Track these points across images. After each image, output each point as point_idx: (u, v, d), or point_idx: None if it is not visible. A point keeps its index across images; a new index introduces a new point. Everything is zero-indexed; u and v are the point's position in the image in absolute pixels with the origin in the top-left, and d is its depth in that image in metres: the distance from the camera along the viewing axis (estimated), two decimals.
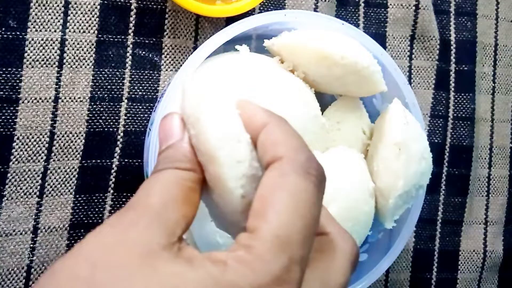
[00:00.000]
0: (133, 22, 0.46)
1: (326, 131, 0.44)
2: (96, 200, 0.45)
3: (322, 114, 0.45)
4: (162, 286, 0.19)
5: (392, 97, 0.45)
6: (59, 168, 0.44)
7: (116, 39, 0.45)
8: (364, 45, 0.44)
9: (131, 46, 0.46)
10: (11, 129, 0.43)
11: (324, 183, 0.23)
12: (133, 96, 0.46)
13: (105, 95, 0.45)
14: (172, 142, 0.25)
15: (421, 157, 0.43)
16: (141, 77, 0.46)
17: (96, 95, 0.45)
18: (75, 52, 0.44)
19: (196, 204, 0.24)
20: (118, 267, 0.20)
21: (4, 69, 0.42)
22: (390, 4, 0.53)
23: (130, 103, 0.46)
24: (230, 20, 0.48)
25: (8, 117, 0.43)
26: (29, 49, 0.43)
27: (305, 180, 0.22)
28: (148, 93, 0.46)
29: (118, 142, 0.45)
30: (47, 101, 0.44)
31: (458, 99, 0.55)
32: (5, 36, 0.42)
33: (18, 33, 0.43)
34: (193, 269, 0.20)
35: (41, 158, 0.43)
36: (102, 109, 0.45)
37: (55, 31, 0.44)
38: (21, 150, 0.43)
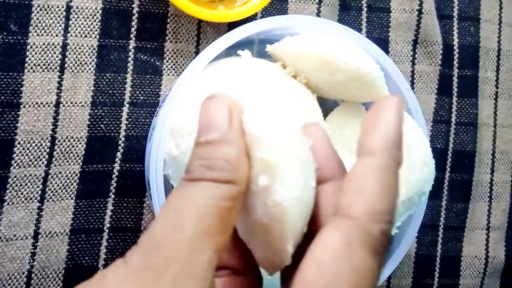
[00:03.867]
0: (135, 26, 0.46)
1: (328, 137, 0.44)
2: (97, 205, 0.45)
3: (324, 119, 0.45)
4: None
5: None
6: (60, 173, 0.44)
7: (117, 44, 0.45)
8: (367, 50, 0.44)
9: (132, 50, 0.46)
10: (12, 134, 0.42)
11: (385, 256, 0.20)
12: (134, 100, 0.46)
13: (107, 100, 0.45)
14: (215, 137, 0.21)
15: (423, 163, 0.43)
16: (143, 81, 0.46)
17: (98, 100, 0.45)
18: (76, 57, 0.44)
19: (231, 228, 0.20)
20: None
21: (5, 73, 0.42)
22: (393, 9, 0.53)
23: (131, 108, 0.46)
24: (232, 25, 0.47)
25: (9, 121, 0.42)
26: (30, 54, 0.43)
27: (372, 259, 0.19)
28: (150, 98, 0.46)
29: (119, 147, 0.45)
30: (49, 106, 0.43)
31: (461, 104, 0.55)
32: (6, 40, 0.42)
33: (19, 37, 0.43)
34: None
35: (42, 163, 0.43)
36: (103, 113, 0.45)
37: (56, 35, 0.44)
38: (22, 155, 0.43)
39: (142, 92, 0.46)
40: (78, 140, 0.44)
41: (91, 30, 0.45)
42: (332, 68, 0.41)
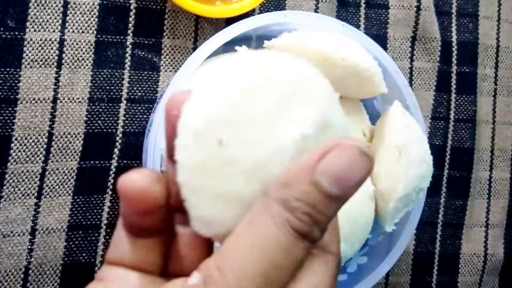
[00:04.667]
0: (132, 22, 0.46)
1: None
2: (94, 202, 0.45)
3: None
4: None
5: (393, 99, 0.45)
6: (57, 169, 0.44)
7: (115, 40, 0.45)
8: (365, 46, 0.44)
9: (130, 46, 0.46)
10: (9, 130, 0.42)
11: None
12: (132, 97, 0.46)
13: (104, 96, 0.45)
14: (340, 194, 0.19)
15: (421, 160, 0.43)
16: (140, 77, 0.46)
17: (95, 96, 0.45)
18: (74, 53, 0.44)
19: None
20: None
21: (2, 69, 0.42)
22: (391, 5, 0.53)
23: (129, 104, 0.45)
24: (230, 21, 0.47)
25: (6, 117, 0.42)
26: (27, 49, 0.43)
27: None
28: (147, 94, 0.46)
29: (117, 143, 0.45)
30: (46, 102, 0.43)
31: (459, 101, 0.55)
32: (3, 36, 0.42)
33: (16, 33, 0.42)
34: None
35: (40, 159, 0.43)
36: (101, 110, 0.45)
37: (54, 31, 0.43)
38: (19, 151, 0.43)
39: (139, 88, 0.46)
40: (76, 136, 0.44)
41: (88, 26, 0.44)
42: (330, 64, 0.41)
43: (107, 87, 0.45)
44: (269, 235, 0.19)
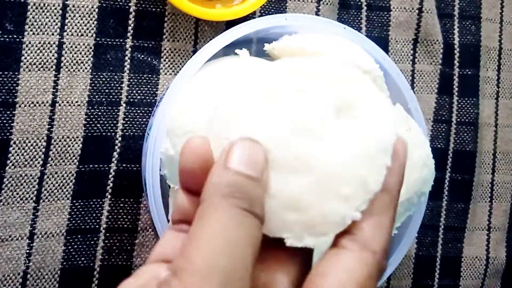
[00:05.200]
0: (132, 25, 0.45)
1: None
2: (93, 206, 0.45)
3: None
4: None
5: (395, 102, 0.44)
6: (56, 173, 0.43)
7: (114, 43, 0.45)
8: (366, 49, 0.43)
9: (129, 49, 0.45)
10: (8, 134, 0.42)
11: None
12: (131, 100, 0.45)
13: (103, 99, 0.45)
14: (254, 175, 0.21)
15: (423, 164, 0.42)
16: (140, 81, 0.46)
17: (94, 99, 0.44)
18: (72, 56, 0.44)
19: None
20: None
21: (0, 72, 0.42)
22: (393, 8, 0.52)
23: (128, 107, 0.45)
24: (230, 24, 0.47)
25: (4, 121, 0.42)
26: (26, 53, 0.42)
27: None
28: (147, 97, 0.46)
29: (116, 147, 0.45)
30: (44, 105, 0.43)
31: (462, 103, 0.54)
32: (1, 39, 0.42)
33: (15, 36, 0.42)
34: None
35: (38, 163, 0.43)
36: (100, 113, 0.44)
37: (52, 34, 0.43)
38: (18, 155, 0.42)
39: (139, 92, 0.46)
40: (74, 140, 0.44)
41: (87, 28, 0.44)
42: None
43: (106, 90, 0.45)
44: (219, 218, 0.20)
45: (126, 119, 0.45)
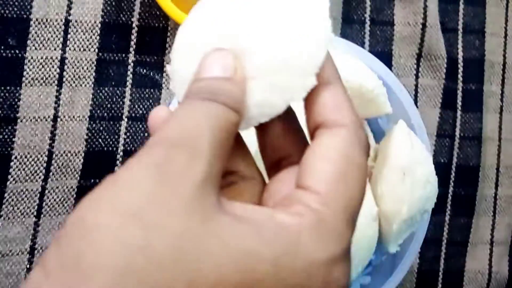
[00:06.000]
0: (134, 40, 0.45)
1: None
2: None
3: None
4: (235, 263, 0.17)
5: (398, 118, 0.44)
6: (57, 187, 0.43)
7: (117, 58, 0.45)
8: (369, 65, 0.43)
9: (132, 64, 0.45)
10: (9, 149, 0.42)
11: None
12: (133, 115, 0.45)
13: (105, 114, 0.44)
14: (221, 75, 0.21)
15: (426, 181, 0.42)
16: (142, 95, 0.45)
17: (96, 114, 0.44)
18: (75, 71, 0.44)
19: (227, 157, 0.20)
20: (179, 236, 0.17)
21: (2, 87, 0.42)
22: (397, 22, 0.52)
23: (130, 122, 0.45)
24: None
25: (6, 136, 0.42)
26: (28, 68, 0.42)
27: (365, 158, 0.22)
28: (149, 112, 0.46)
29: (118, 162, 0.45)
30: (46, 120, 0.43)
31: (465, 118, 0.54)
32: (4, 54, 0.42)
33: (17, 51, 0.42)
34: (267, 243, 0.18)
35: (39, 177, 0.43)
36: (101, 128, 0.44)
37: (55, 49, 0.43)
38: (19, 170, 0.42)
39: (141, 106, 0.45)
40: (76, 155, 0.44)
41: (90, 44, 0.44)
42: None
43: (108, 105, 0.44)
44: (186, 107, 0.20)
45: (128, 133, 0.45)
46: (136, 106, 0.45)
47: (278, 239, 0.18)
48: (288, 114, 0.23)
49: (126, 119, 0.45)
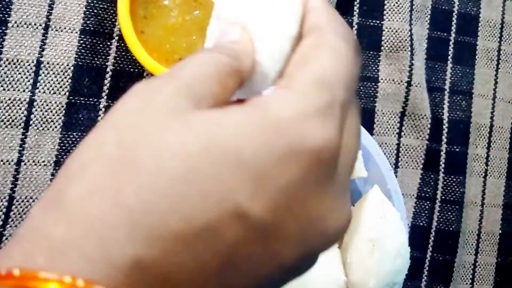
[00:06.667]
0: (108, 85, 0.44)
1: None
2: None
3: None
4: (199, 137, 0.18)
5: (375, 181, 0.43)
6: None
7: (88, 102, 0.44)
8: None
9: (103, 109, 0.44)
10: None
11: (359, 56, 0.23)
12: None
13: None
14: (232, 38, 0.23)
15: (396, 254, 0.40)
16: None
17: (62, 160, 0.43)
18: (43, 114, 0.42)
19: (229, 92, 0.21)
20: (147, 127, 0.19)
21: None
22: (381, 79, 0.51)
23: None
24: None
25: None
26: None
27: (346, 43, 0.22)
28: None
29: None
30: (9, 164, 0.41)
31: (448, 181, 0.52)
32: None
33: None
34: (231, 114, 0.19)
35: None
36: None
37: (24, 91, 0.42)
38: None
39: None
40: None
41: (60, 86, 0.43)
42: None
43: None
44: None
45: None
46: None
47: (244, 109, 0.19)
48: None
49: None
